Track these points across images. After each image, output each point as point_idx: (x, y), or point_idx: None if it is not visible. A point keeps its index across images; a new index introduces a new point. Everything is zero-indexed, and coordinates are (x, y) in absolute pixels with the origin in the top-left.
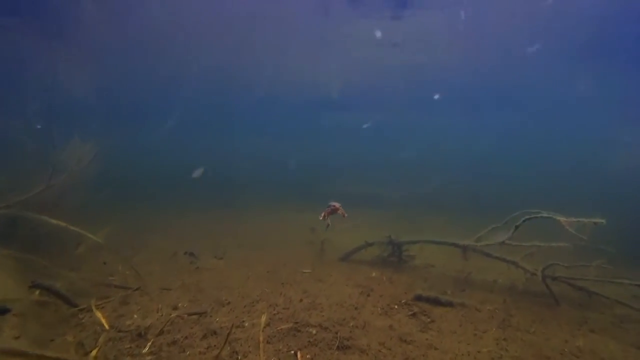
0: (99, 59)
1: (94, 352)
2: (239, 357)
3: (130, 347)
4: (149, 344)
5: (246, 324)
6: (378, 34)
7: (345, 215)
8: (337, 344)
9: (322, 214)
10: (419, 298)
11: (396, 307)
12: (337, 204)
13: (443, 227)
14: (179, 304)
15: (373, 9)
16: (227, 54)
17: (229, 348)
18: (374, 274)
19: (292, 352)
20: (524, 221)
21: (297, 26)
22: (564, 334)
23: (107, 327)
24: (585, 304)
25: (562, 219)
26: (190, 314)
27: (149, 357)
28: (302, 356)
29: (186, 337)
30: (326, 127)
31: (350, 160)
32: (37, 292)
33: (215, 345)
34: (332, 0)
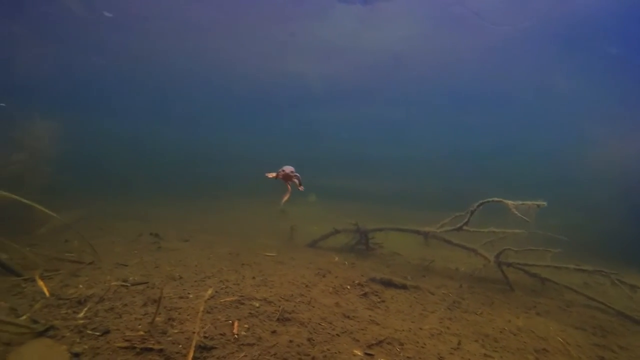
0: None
1: (24, 317)
2: (175, 324)
3: (67, 313)
4: (85, 309)
5: (191, 296)
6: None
7: (301, 187)
8: (277, 317)
9: (271, 174)
10: (372, 280)
11: (348, 287)
12: (290, 169)
13: (420, 222)
14: (130, 278)
15: None
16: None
17: (165, 315)
18: (336, 259)
19: (230, 321)
20: (478, 206)
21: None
22: (509, 316)
23: (47, 294)
24: (539, 291)
25: (509, 202)
26: (134, 284)
27: (82, 321)
28: (238, 325)
29: (125, 305)
30: (305, 123)
31: (331, 155)
32: None
33: (153, 313)
34: None
